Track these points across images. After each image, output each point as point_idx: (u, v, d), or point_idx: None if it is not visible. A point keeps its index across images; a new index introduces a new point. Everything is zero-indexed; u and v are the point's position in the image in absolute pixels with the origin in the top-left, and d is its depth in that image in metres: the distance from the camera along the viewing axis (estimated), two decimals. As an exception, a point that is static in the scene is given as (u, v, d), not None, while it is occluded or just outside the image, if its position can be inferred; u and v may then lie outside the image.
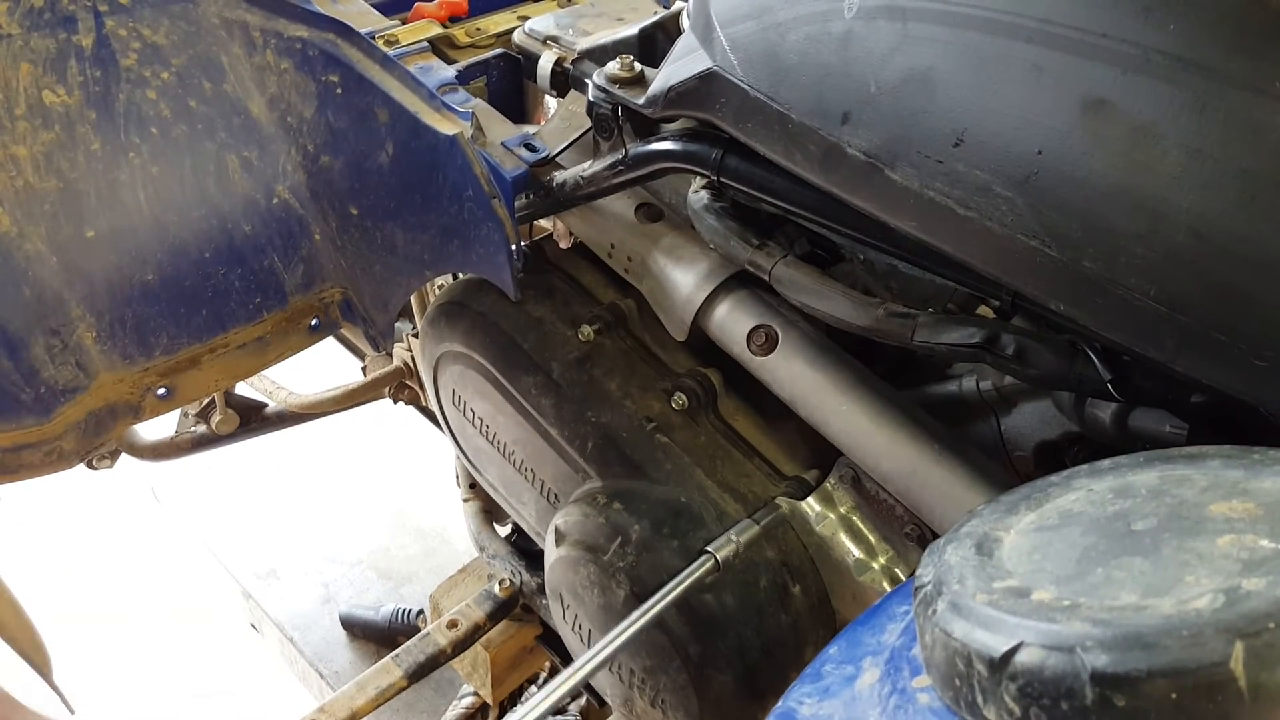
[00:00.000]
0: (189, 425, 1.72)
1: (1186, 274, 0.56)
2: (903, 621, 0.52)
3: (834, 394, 0.88)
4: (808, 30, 0.73)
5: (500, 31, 1.17)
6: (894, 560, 0.90)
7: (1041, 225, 0.61)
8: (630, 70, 0.94)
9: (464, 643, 1.50)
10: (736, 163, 0.85)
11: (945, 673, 0.41)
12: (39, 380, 0.95)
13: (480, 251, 0.98)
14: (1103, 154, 0.58)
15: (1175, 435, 0.71)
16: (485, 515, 1.59)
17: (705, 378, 1.00)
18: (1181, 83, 0.55)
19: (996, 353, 0.73)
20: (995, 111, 0.62)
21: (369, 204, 1.04)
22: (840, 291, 0.84)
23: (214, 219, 1.01)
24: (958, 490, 0.81)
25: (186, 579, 2.39)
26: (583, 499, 0.98)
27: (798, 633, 0.93)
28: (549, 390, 1.03)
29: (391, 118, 0.96)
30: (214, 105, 0.98)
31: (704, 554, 0.87)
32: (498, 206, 0.94)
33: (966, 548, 0.46)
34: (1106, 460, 0.51)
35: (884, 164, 0.69)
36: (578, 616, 1.02)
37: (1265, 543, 0.39)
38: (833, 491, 0.92)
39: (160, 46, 0.93)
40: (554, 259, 1.15)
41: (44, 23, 0.87)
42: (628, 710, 1.03)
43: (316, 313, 1.14)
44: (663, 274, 1.00)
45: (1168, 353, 0.59)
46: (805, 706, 0.49)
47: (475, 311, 1.09)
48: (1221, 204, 0.55)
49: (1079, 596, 0.39)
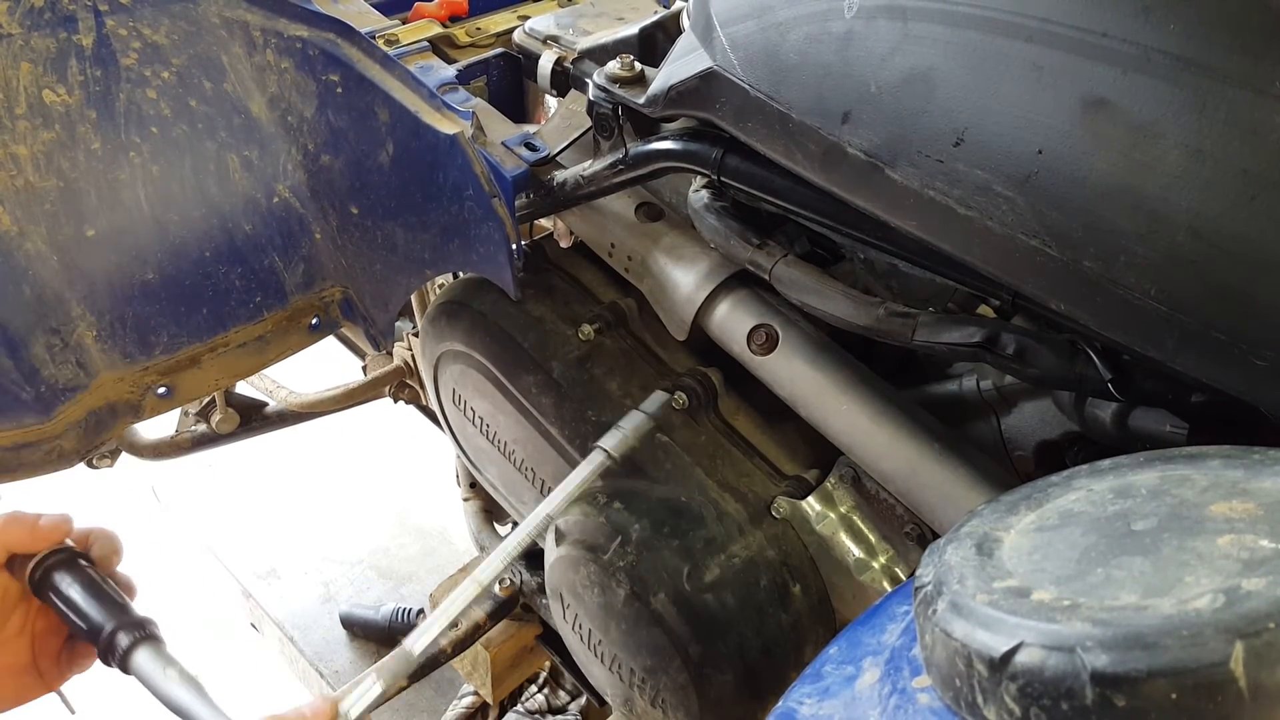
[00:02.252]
0: (189, 424, 1.72)
1: (1186, 274, 0.56)
2: (903, 621, 0.52)
3: (834, 393, 0.88)
4: (808, 30, 0.73)
5: (500, 31, 1.17)
6: (894, 560, 0.90)
7: (1042, 225, 0.61)
8: (630, 70, 0.94)
9: (464, 642, 1.50)
10: (737, 162, 0.85)
11: (945, 673, 0.41)
12: (39, 379, 0.95)
13: (481, 250, 0.98)
14: (1103, 154, 0.58)
15: (1175, 435, 0.71)
16: (485, 514, 1.60)
17: (705, 377, 1.00)
18: (1181, 83, 0.55)
19: (997, 352, 0.73)
20: (995, 111, 0.62)
21: (369, 203, 1.04)
22: (840, 291, 0.83)
23: (214, 218, 1.01)
24: (958, 490, 0.81)
25: (186, 578, 2.39)
26: (583, 498, 0.98)
27: (798, 633, 0.93)
28: (549, 389, 1.03)
29: (392, 117, 0.96)
30: (214, 105, 0.98)
31: (597, 449, 0.92)
32: (498, 206, 0.94)
33: (967, 548, 0.46)
34: (1106, 460, 0.51)
35: (884, 163, 0.69)
36: (578, 616, 1.02)
37: (1265, 543, 0.39)
38: (833, 491, 0.92)
39: (160, 46, 0.93)
40: (554, 258, 1.15)
41: (44, 22, 0.87)
42: (628, 710, 1.03)
43: (317, 312, 1.14)
44: (663, 273, 1.00)
45: (1168, 352, 0.59)
46: (805, 706, 0.49)
47: (476, 310, 1.09)
48: (1221, 204, 0.55)
49: (1079, 596, 0.39)
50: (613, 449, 0.92)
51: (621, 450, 0.92)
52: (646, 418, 0.94)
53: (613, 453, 0.91)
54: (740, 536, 0.92)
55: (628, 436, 0.92)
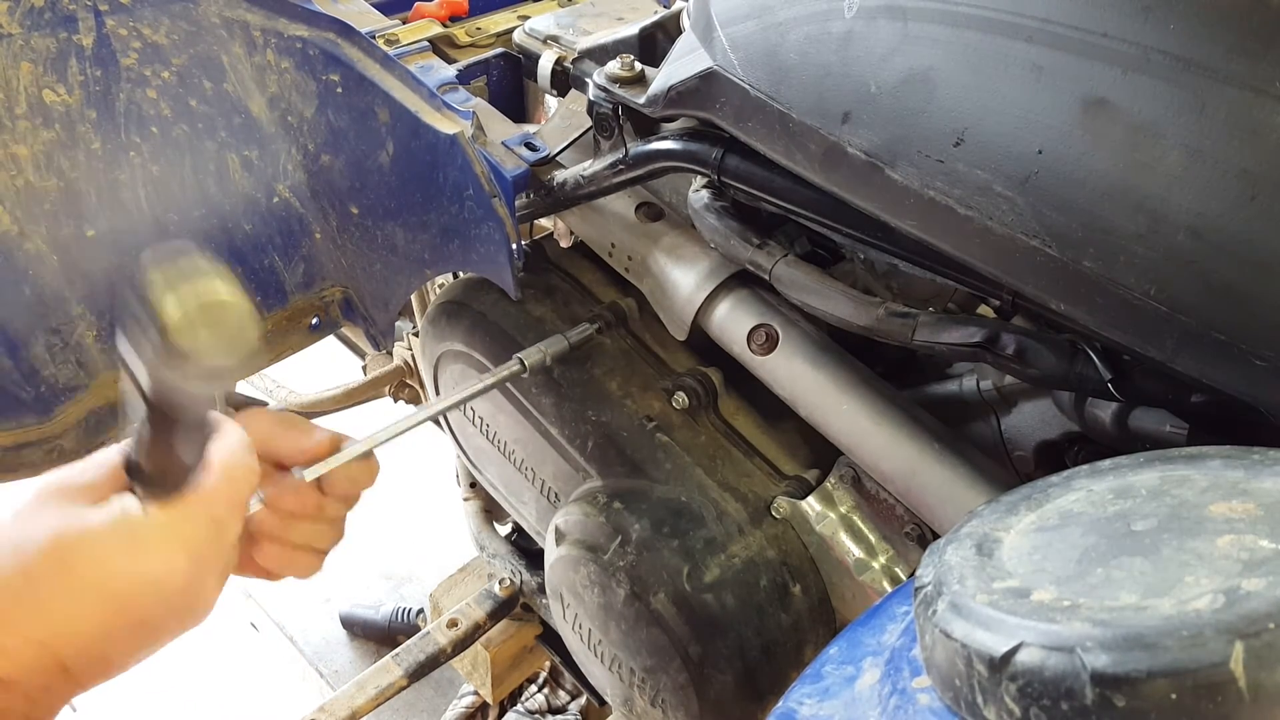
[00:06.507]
0: (189, 424, 1.71)
1: (1186, 274, 0.56)
2: (903, 622, 0.52)
3: (834, 393, 0.88)
4: (808, 30, 0.73)
5: (500, 31, 1.17)
6: (894, 560, 0.90)
7: (1042, 225, 0.61)
8: (631, 70, 0.94)
9: (464, 642, 1.50)
10: (737, 162, 0.85)
11: (945, 673, 0.41)
12: (39, 379, 0.95)
13: (481, 250, 0.98)
14: (1103, 154, 0.58)
15: (1175, 435, 0.71)
16: (485, 514, 1.60)
17: (706, 377, 1.00)
18: (1181, 83, 0.55)
19: (997, 352, 0.73)
20: (995, 111, 0.62)
21: (369, 203, 1.04)
22: (841, 291, 0.83)
23: (214, 218, 1.02)
24: (958, 490, 0.81)
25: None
26: (583, 498, 0.98)
27: (798, 633, 0.93)
28: (549, 389, 1.03)
29: (392, 117, 0.96)
30: (214, 104, 0.98)
31: (514, 360, 0.95)
32: (498, 205, 0.94)
33: (967, 548, 0.46)
34: (1106, 460, 0.51)
35: (884, 163, 0.69)
36: (578, 616, 1.02)
37: (1265, 543, 0.39)
38: (833, 491, 0.92)
39: (161, 46, 0.93)
40: (554, 258, 1.15)
41: (44, 22, 0.87)
42: (628, 710, 1.03)
43: (317, 311, 1.14)
44: (663, 273, 1.00)
45: (1168, 353, 0.59)
46: (805, 707, 0.49)
47: (476, 310, 1.09)
48: (1221, 204, 0.55)
49: (1079, 597, 0.39)
50: (525, 357, 0.97)
51: (532, 361, 0.97)
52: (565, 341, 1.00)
53: (525, 360, 0.96)
54: (740, 536, 0.92)
55: (543, 351, 0.98)
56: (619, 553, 0.92)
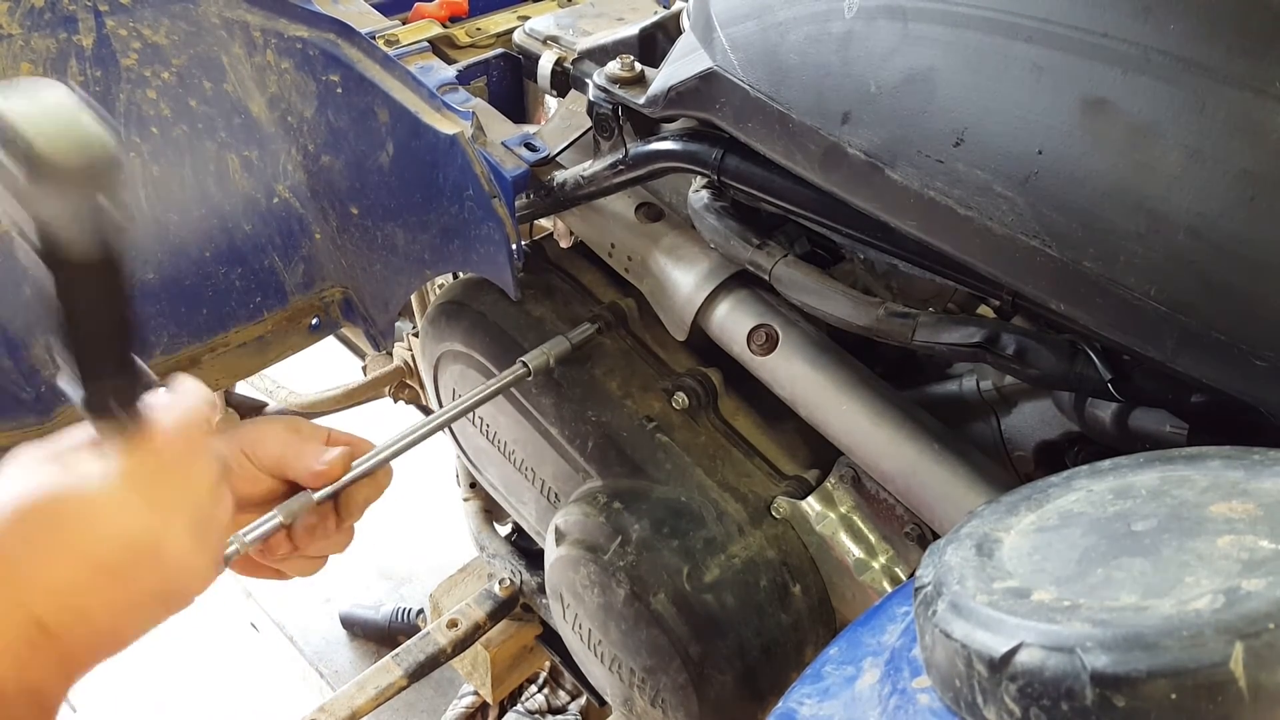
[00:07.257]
0: (189, 425, 1.71)
1: (1186, 274, 0.56)
2: (903, 622, 0.52)
3: (834, 394, 0.88)
4: (808, 30, 0.73)
5: (500, 31, 1.17)
6: (894, 560, 0.90)
7: (1042, 225, 0.61)
8: (630, 70, 0.94)
9: (464, 642, 1.50)
10: (737, 162, 0.85)
11: (945, 673, 0.41)
12: (39, 379, 0.95)
13: (481, 251, 0.98)
14: (1103, 154, 0.58)
15: (1175, 435, 0.71)
16: (485, 514, 1.60)
17: (705, 377, 1.00)
18: (1181, 83, 0.55)
19: (997, 353, 0.73)
20: (995, 111, 0.62)
21: (369, 203, 1.04)
22: (840, 291, 0.83)
23: (214, 218, 1.02)
24: (958, 490, 0.81)
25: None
26: (583, 498, 0.98)
27: (798, 633, 0.93)
28: (549, 390, 1.03)
29: (392, 117, 0.96)
30: (214, 105, 0.98)
31: (518, 364, 0.96)
32: (498, 206, 0.94)
33: (967, 548, 0.46)
34: (1106, 461, 0.51)
35: (884, 164, 0.69)
36: (578, 616, 1.02)
37: (1265, 543, 0.39)
38: (833, 491, 0.92)
39: (160, 46, 0.93)
40: (554, 258, 1.15)
41: (44, 23, 0.87)
42: (628, 710, 1.03)
43: (317, 312, 1.14)
44: (663, 273, 1.00)
45: (1168, 353, 0.59)
46: (805, 707, 0.49)
47: (476, 311, 1.09)
48: (1221, 204, 0.55)
49: (1079, 597, 0.39)
50: (529, 360, 0.97)
51: (536, 364, 0.97)
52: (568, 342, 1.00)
53: (529, 364, 0.97)
54: (740, 536, 0.92)
55: (546, 353, 0.98)
56: (619, 553, 0.92)
